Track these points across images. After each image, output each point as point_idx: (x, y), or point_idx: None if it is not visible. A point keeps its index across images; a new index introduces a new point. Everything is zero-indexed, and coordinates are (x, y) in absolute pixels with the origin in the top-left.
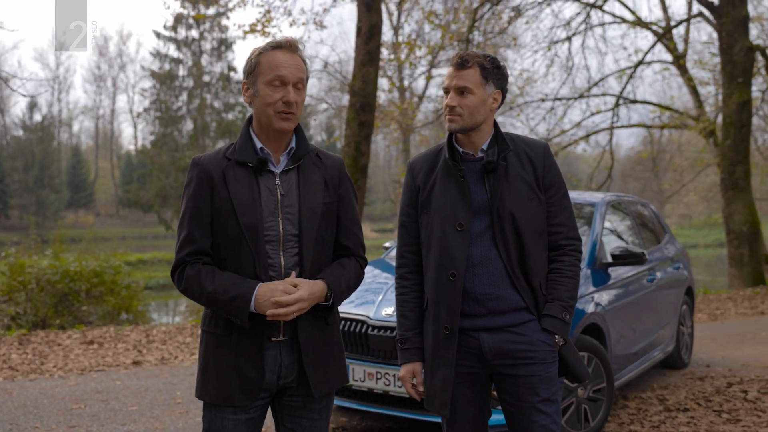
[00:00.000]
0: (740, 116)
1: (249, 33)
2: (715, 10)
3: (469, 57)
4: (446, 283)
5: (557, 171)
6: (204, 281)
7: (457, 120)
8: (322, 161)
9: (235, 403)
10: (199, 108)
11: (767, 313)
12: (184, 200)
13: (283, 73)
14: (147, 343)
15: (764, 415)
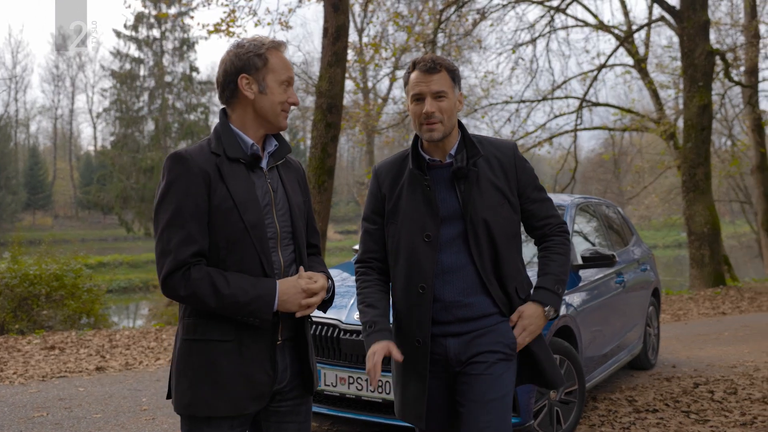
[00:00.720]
0: (701, 119)
1: (213, 32)
2: (677, 15)
3: (437, 60)
4: (416, 296)
5: (529, 168)
6: (218, 283)
7: (437, 127)
8: (291, 162)
9: (246, 411)
10: (161, 108)
11: (728, 314)
12: (172, 197)
13: (292, 75)
14: (110, 348)
15: (731, 415)
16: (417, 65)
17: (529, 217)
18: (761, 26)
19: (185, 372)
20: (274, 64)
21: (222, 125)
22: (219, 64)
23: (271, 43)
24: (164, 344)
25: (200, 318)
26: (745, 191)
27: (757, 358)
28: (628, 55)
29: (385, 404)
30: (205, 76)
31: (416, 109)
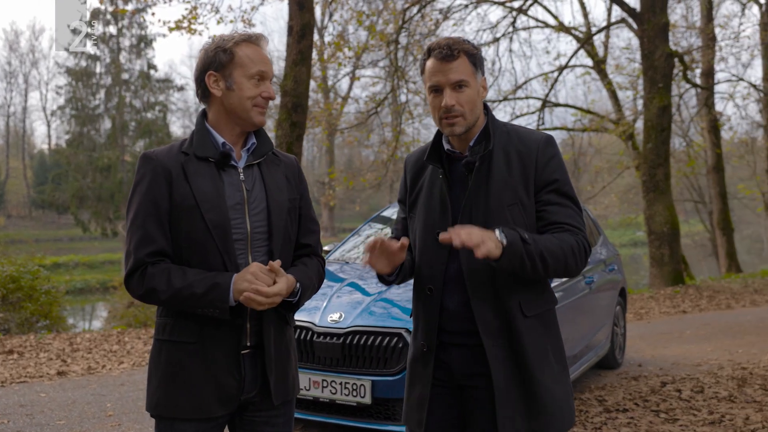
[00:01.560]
0: (661, 120)
1: (174, 30)
2: (637, 17)
3: (455, 45)
4: (424, 298)
5: (557, 166)
6: (173, 277)
7: (459, 121)
8: (280, 159)
9: (213, 414)
10: (118, 106)
11: (689, 312)
12: (135, 198)
13: (265, 68)
14: (71, 352)
15: (700, 414)
16: (432, 52)
17: (539, 219)
18: (716, 29)
19: (155, 372)
20: (241, 59)
21: (197, 125)
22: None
23: (240, 37)
24: (127, 347)
25: (169, 318)
26: (699, 191)
27: (720, 357)
28: (587, 57)
29: (359, 408)
30: (163, 73)
31: (434, 101)
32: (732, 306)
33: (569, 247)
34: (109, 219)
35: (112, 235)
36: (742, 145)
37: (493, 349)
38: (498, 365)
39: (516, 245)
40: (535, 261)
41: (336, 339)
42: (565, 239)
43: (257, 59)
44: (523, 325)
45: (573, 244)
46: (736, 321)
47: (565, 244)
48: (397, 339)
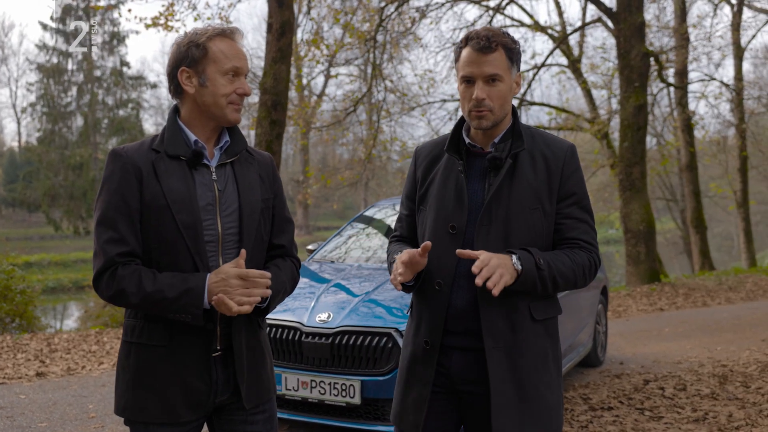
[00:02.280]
0: (637, 119)
1: (151, 26)
2: (614, 16)
3: (494, 37)
4: (431, 293)
5: (579, 179)
6: (144, 280)
7: (487, 115)
8: (254, 157)
9: (181, 419)
10: (90, 104)
11: (666, 310)
12: (103, 196)
13: (239, 64)
14: (49, 353)
15: (683, 412)
16: (470, 41)
17: (555, 231)
18: (690, 29)
19: (123, 375)
20: (215, 54)
21: (169, 121)
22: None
23: (214, 31)
24: (106, 347)
25: (138, 320)
26: (671, 189)
27: (699, 354)
28: (563, 56)
29: (349, 408)
30: (136, 71)
31: (465, 92)
32: (708, 303)
33: (581, 267)
34: (82, 217)
35: (85, 233)
36: (713, 144)
37: (493, 351)
38: (496, 368)
39: (530, 273)
40: (547, 284)
41: (325, 339)
42: (578, 259)
43: (231, 54)
44: (530, 329)
45: (585, 263)
46: (713, 318)
47: (577, 265)
48: (386, 339)
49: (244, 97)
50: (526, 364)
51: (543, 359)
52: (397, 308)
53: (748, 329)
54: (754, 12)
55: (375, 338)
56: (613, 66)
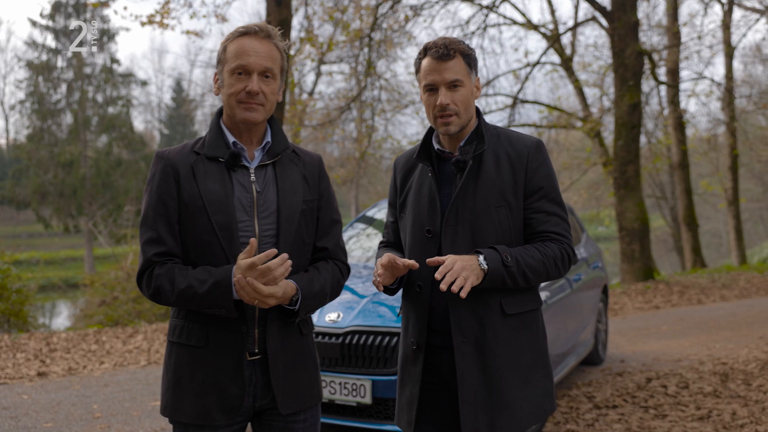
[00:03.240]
0: (631, 117)
1: (147, 24)
2: (608, 15)
3: (451, 45)
4: (414, 296)
5: (546, 173)
6: (177, 277)
7: (453, 120)
8: (300, 158)
9: (214, 422)
10: (80, 101)
11: (661, 308)
12: (146, 197)
13: (245, 61)
14: (49, 353)
15: (687, 410)
16: (428, 51)
17: (526, 226)
18: (682, 28)
19: (166, 374)
20: (228, 54)
21: (212, 123)
22: None
23: (237, 32)
24: (106, 347)
25: (179, 320)
26: (661, 187)
27: (698, 352)
28: (555, 54)
29: (359, 408)
30: (125, 68)
31: (429, 100)
32: (702, 301)
33: (552, 259)
34: (72, 215)
35: (75, 231)
36: (704, 142)
37: (461, 347)
38: (463, 361)
39: (497, 271)
40: (516, 279)
41: (335, 339)
42: (549, 251)
43: (239, 52)
44: (499, 324)
45: (557, 255)
46: (709, 316)
47: (548, 258)
48: (397, 339)
49: (256, 96)
50: (497, 357)
51: (515, 352)
52: None
53: (744, 327)
54: (743, 11)
55: (385, 338)
56: (605, 64)
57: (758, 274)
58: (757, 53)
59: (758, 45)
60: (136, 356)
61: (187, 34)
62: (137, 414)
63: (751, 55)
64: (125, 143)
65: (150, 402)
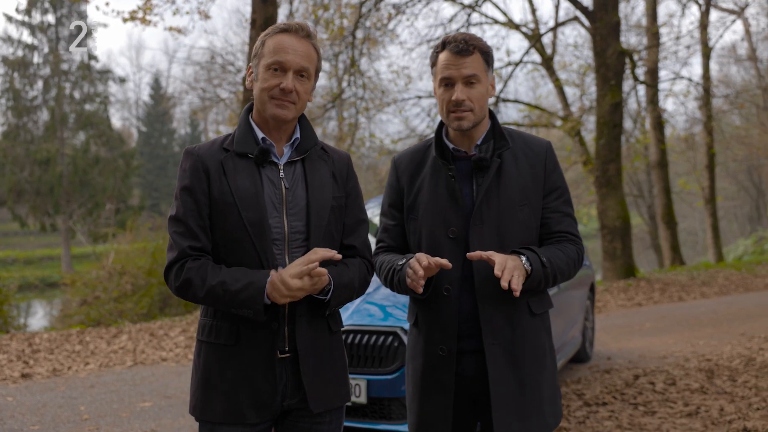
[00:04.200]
0: (613, 116)
1: (129, 20)
2: (590, 15)
3: (471, 41)
4: (441, 300)
5: (560, 174)
6: (210, 273)
7: (468, 116)
8: (329, 155)
9: (246, 420)
10: (57, 98)
11: (644, 305)
12: (177, 193)
13: (284, 58)
14: (32, 353)
15: (676, 406)
16: (447, 45)
17: (542, 226)
18: (661, 29)
19: (195, 374)
20: (267, 49)
21: (241, 119)
22: None
23: (277, 27)
24: (90, 347)
25: (208, 318)
26: (639, 186)
27: (683, 348)
28: (536, 53)
29: (355, 407)
30: (102, 64)
31: (444, 95)
32: (684, 298)
33: (573, 261)
34: (48, 213)
35: (51, 229)
36: (681, 141)
37: (492, 348)
38: (495, 364)
39: (538, 272)
40: (549, 281)
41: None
42: (570, 252)
43: (278, 49)
44: (528, 324)
45: (575, 256)
46: (691, 313)
47: (570, 258)
48: (392, 338)
49: (290, 93)
50: (526, 358)
51: (541, 352)
52: (401, 307)
53: (725, 323)
54: (720, 12)
55: (380, 337)
56: (585, 64)
57: (736, 272)
58: (732, 53)
59: (734, 45)
60: (122, 357)
61: (170, 31)
62: (126, 415)
63: (727, 55)
64: (103, 141)
65: (138, 403)
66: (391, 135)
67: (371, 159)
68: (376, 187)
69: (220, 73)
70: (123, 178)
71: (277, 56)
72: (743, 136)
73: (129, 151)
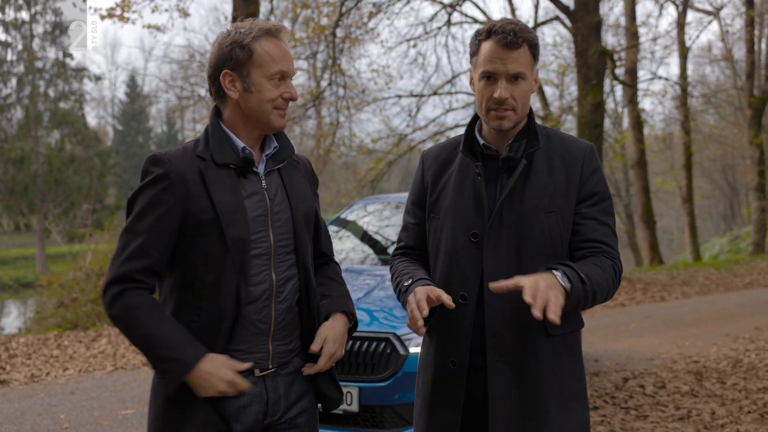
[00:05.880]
0: (594, 116)
1: (106, 17)
2: (571, 15)
3: (520, 32)
4: (456, 309)
5: (600, 179)
6: (146, 319)
7: (510, 116)
8: (299, 161)
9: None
10: (31, 96)
11: (627, 305)
12: (140, 202)
13: (285, 67)
14: (9, 359)
15: (667, 410)
16: (494, 35)
17: (575, 233)
18: (640, 29)
19: (154, 402)
20: (261, 56)
21: (212, 126)
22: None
23: (260, 30)
24: (68, 352)
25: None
26: (615, 185)
27: (669, 350)
28: None
29: (346, 416)
30: (77, 62)
31: (485, 89)
32: (665, 298)
33: (611, 278)
34: (23, 213)
35: (26, 229)
36: (659, 141)
37: (495, 366)
38: (496, 382)
39: (578, 291)
40: (588, 300)
41: None
42: (606, 267)
43: (278, 57)
44: (542, 345)
45: (612, 273)
46: (674, 313)
47: (609, 276)
48: (384, 344)
49: (289, 102)
50: (536, 382)
51: (558, 378)
52: (393, 313)
53: (709, 323)
54: (696, 13)
55: (372, 343)
56: (564, 63)
57: (715, 271)
58: (707, 53)
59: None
60: (102, 361)
61: (149, 29)
62: (108, 423)
63: (702, 56)
64: (78, 139)
65: (120, 410)
66: (371, 134)
67: (350, 158)
68: (354, 186)
69: (198, 71)
70: (99, 177)
71: (281, 65)
72: (718, 135)
73: (105, 150)
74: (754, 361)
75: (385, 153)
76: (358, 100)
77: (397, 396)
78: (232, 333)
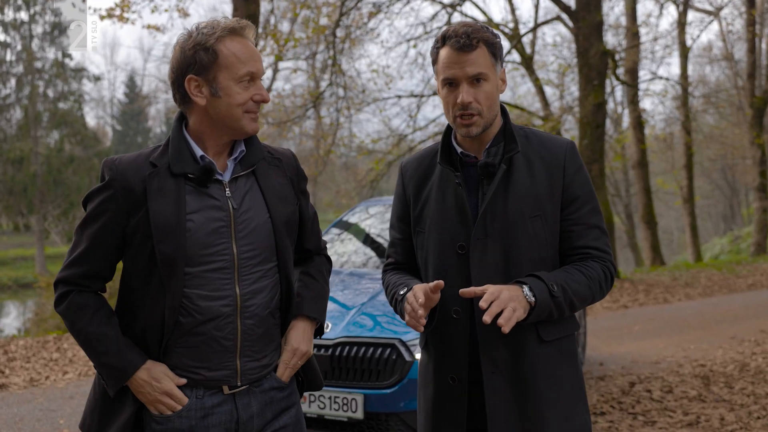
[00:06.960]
0: (596, 117)
1: (106, 18)
2: (573, 14)
3: (473, 33)
4: (450, 323)
5: (583, 179)
6: (88, 322)
7: (476, 120)
8: (279, 159)
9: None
10: (30, 96)
11: (630, 307)
12: (90, 206)
13: (255, 67)
14: (8, 362)
15: (675, 415)
16: (447, 40)
17: (563, 240)
18: (641, 29)
19: (93, 395)
20: (227, 58)
21: (174, 132)
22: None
23: (223, 30)
24: (68, 355)
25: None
26: (615, 185)
27: (675, 353)
28: (515, 52)
29: (351, 423)
30: (77, 62)
31: (448, 96)
32: (669, 300)
33: (597, 282)
34: (22, 213)
35: (25, 229)
36: (659, 141)
37: (492, 377)
38: (494, 397)
39: (545, 303)
40: (563, 309)
41: (324, 351)
42: (593, 272)
43: (246, 57)
44: (537, 353)
45: (600, 276)
46: (678, 315)
47: (593, 280)
48: (390, 350)
49: (261, 104)
50: (533, 390)
51: (556, 385)
52: (397, 319)
53: (714, 326)
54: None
55: (378, 349)
56: (564, 63)
57: (717, 272)
58: (708, 53)
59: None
60: None
61: (148, 29)
62: None
63: (702, 56)
64: (77, 140)
65: None
66: (370, 135)
67: (349, 158)
68: (354, 186)
69: None
70: (98, 178)
71: (249, 66)
72: (719, 135)
73: (104, 150)
74: (761, 365)
75: (385, 153)
76: (358, 100)
77: (403, 403)
78: (167, 349)
